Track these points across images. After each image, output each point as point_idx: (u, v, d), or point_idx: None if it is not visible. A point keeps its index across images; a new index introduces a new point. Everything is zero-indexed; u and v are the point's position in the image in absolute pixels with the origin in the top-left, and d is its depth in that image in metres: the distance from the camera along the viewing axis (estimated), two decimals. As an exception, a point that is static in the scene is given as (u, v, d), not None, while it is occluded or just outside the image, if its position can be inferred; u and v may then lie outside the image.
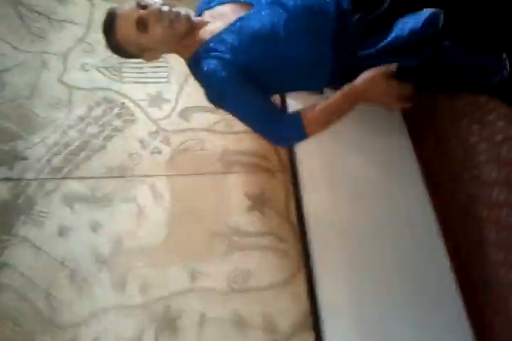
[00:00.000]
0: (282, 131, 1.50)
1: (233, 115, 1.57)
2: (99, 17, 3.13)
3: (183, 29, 1.51)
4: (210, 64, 1.47)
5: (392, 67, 1.38)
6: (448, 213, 2.42)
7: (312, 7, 1.49)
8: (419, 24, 1.40)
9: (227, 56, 1.46)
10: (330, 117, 1.47)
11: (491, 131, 2.17)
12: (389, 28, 1.44)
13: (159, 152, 2.65)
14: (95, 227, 2.36)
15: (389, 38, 1.43)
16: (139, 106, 2.81)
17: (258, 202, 2.50)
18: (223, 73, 1.45)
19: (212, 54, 1.48)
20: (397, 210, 2.40)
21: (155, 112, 2.79)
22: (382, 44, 1.44)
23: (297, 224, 2.41)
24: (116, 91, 2.85)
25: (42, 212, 2.37)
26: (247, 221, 2.45)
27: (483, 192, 2.20)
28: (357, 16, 1.48)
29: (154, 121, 2.76)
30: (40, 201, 2.39)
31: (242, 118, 1.56)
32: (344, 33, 1.48)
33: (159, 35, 1.50)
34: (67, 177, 2.50)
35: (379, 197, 2.42)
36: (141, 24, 1.48)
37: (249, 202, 2.50)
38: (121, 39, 1.52)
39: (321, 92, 1.65)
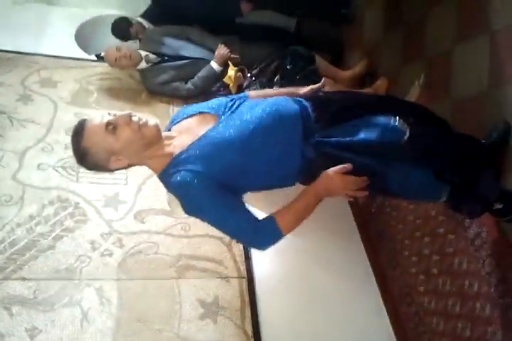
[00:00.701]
0: (260, 234, 1.52)
1: (210, 224, 1.56)
2: (62, 118, 3.25)
3: (151, 135, 1.54)
4: (182, 177, 1.49)
5: (347, 167, 1.49)
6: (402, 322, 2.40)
7: (279, 114, 1.58)
8: (386, 137, 1.56)
9: (198, 168, 1.48)
10: (299, 215, 1.54)
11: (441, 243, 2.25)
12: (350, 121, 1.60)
13: (110, 254, 2.56)
14: (33, 334, 2.17)
15: (355, 138, 1.57)
16: (93, 206, 2.76)
17: (211, 310, 2.40)
18: (196, 186, 1.47)
19: (182, 167, 1.50)
20: (353, 320, 2.36)
21: (110, 213, 2.74)
22: (346, 140, 1.56)
23: (252, 336, 2.30)
24: (72, 191, 2.81)
25: (-25, 315, 2.18)
26: (198, 330, 2.32)
27: (438, 303, 2.21)
28: (316, 113, 1.61)
29: (108, 222, 2.69)
30: (-25, 303, 2.21)
31: (220, 226, 1.56)
32: (308, 130, 1.58)
33: (127, 138, 1.50)
34: (8, 278, 2.34)
35: (337, 308, 2.39)
36: (110, 125, 1.50)
37: (202, 309, 2.39)
38: (89, 143, 1.50)
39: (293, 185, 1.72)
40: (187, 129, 1.63)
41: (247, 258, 2.62)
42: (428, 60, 2.62)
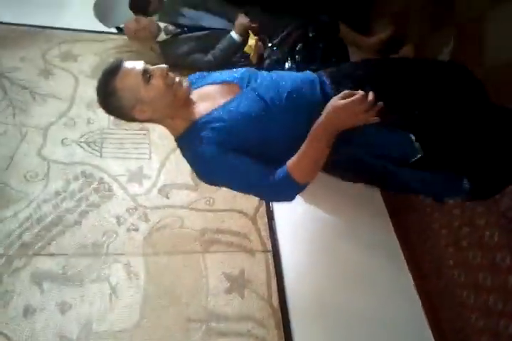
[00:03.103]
0: (278, 190, 1.49)
1: (229, 188, 1.57)
2: (83, 92, 3.24)
3: (182, 95, 1.52)
4: (200, 144, 1.48)
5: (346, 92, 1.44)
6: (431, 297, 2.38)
7: (299, 100, 1.55)
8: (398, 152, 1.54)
9: (217, 136, 1.47)
10: (313, 159, 1.47)
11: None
12: None
13: (136, 229, 2.57)
14: (64, 308, 2.21)
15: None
16: (117, 181, 2.76)
17: (237, 284, 2.41)
18: (214, 153, 1.47)
19: (202, 133, 1.49)
20: (381, 295, 2.34)
21: (134, 188, 2.74)
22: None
23: (279, 309, 2.30)
24: (96, 166, 2.81)
25: (7, 291, 2.21)
26: (225, 304, 2.33)
27: (468, 276, 2.18)
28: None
29: (133, 197, 2.70)
30: (7, 279, 2.25)
31: (239, 189, 1.58)
32: None
33: (159, 91, 1.48)
34: (37, 254, 2.37)
35: (364, 285, 2.37)
36: (147, 74, 1.48)
37: (228, 283, 2.40)
38: (121, 84, 1.47)
39: None
40: (208, 96, 1.61)
41: (272, 232, 2.61)
42: (458, 26, 2.50)
